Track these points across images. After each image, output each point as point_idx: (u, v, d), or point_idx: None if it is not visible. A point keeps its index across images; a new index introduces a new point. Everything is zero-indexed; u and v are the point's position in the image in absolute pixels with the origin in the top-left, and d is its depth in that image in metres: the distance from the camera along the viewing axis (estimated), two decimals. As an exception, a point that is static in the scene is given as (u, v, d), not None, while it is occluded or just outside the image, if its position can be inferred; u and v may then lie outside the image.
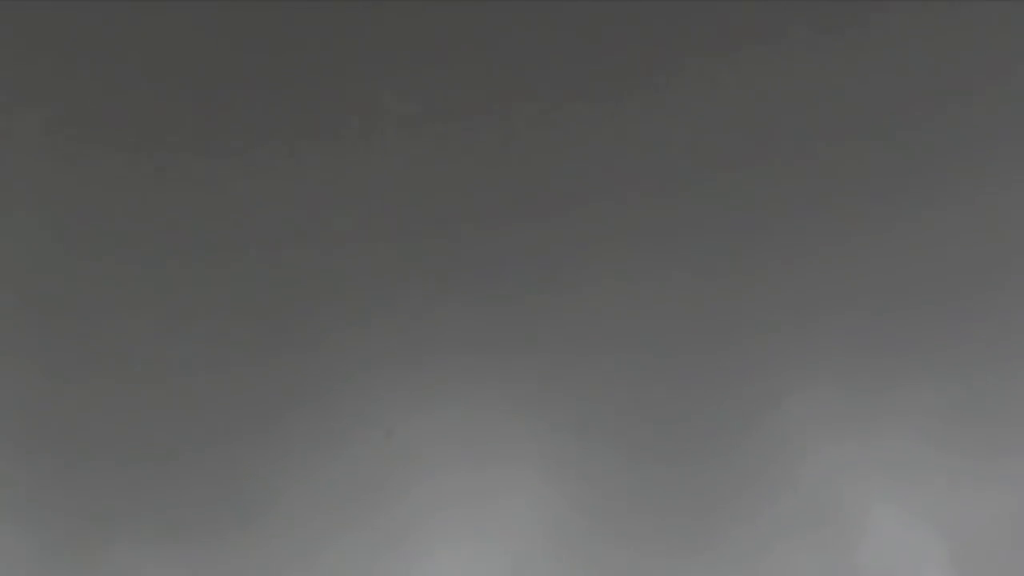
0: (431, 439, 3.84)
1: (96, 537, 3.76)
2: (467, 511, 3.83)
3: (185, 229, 3.75)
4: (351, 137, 3.83)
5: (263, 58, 3.78)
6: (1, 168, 3.72)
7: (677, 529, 3.87)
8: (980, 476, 3.88)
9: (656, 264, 3.95)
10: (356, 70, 3.81)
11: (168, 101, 3.76)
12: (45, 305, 3.74)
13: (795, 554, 3.82)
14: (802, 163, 3.98)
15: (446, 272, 3.86)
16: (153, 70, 3.76)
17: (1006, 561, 3.82)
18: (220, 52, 3.77)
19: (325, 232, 3.83)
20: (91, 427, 3.77)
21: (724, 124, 3.95)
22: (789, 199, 3.98)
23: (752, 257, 3.95)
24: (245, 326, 3.80)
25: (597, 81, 3.91)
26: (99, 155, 3.77)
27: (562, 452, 3.86)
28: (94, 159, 3.76)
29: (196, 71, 3.78)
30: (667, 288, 3.93)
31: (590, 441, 3.87)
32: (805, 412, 3.91)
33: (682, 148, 3.94)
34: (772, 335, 3.94)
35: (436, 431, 3.84)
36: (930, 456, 3.90)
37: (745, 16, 3.96)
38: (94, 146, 3.74)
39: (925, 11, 4.03)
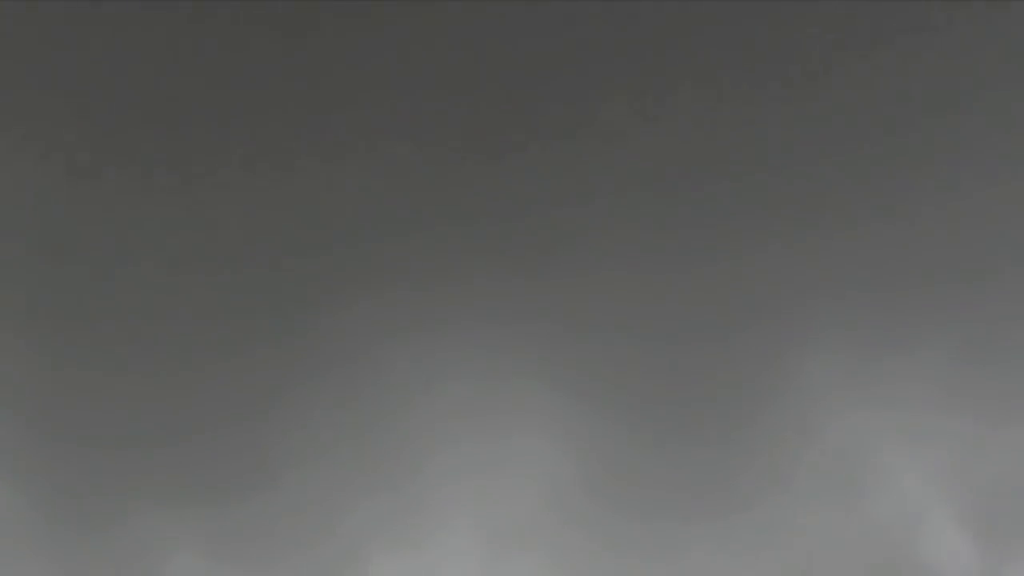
0: (443, 409, 3.86)
1: (107, 503, 3.81)
2: (476, 479, 3.86)
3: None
4: (364, 110, 3.86)
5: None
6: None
7: (685, 495, 3.87)
8: (988, 439, 3.85)
9: (668, 238, 3.94)
10: None
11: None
12: (49, 254, 3.80)
13: (807, 497, 3.82)
14: (808, 136, 3.97)
15: (461, 244, 3.89)
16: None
17: (1013, 522, 3.79)
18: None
19: (341, 202, 3.86)
20: (97, 394, 3.83)
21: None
22: (795, 170, 3.96)
23: (763, 227, 3.93)
24: (260, 293, 3.84)
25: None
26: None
27: (572, 422, 3.86)
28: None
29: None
30: (680, 259, 3.92)
31: (601, 411, 3.87)
32: (817, 377, 3.89)
33: (682, 137, 3.95)
34: (783, 302, 3.91)
35: (448, 401, 3.87)
36: (940, 419, 3.86)
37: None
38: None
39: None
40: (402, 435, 3.84)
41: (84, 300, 3.84)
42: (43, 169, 3.82)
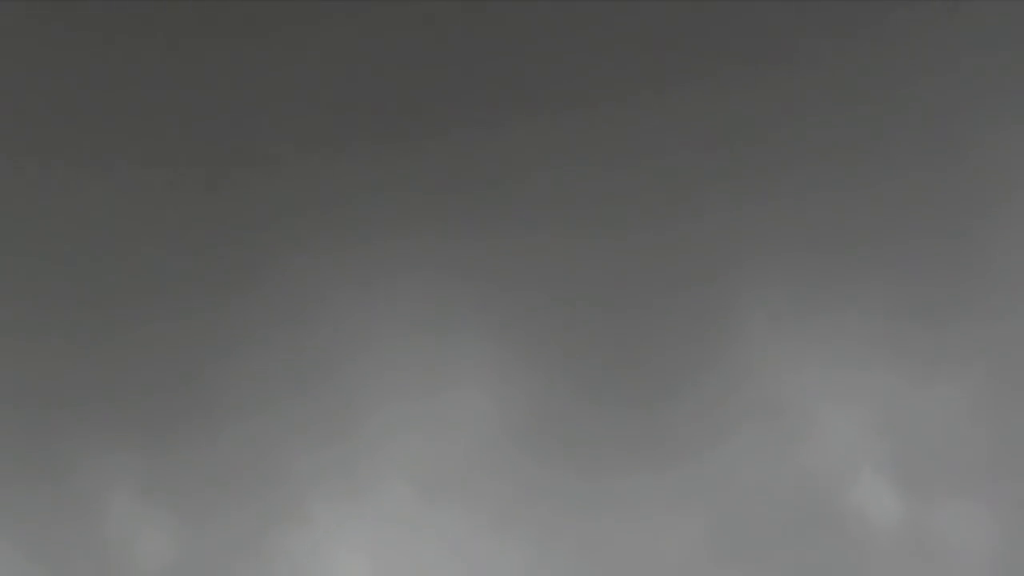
0: (384, 362, 3.90)
1: (48, 450, 3.77)
2: (415, 431, 3.89)
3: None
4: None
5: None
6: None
7: (622, 450, 3.94)
8: (916, 394, 3.99)
9: (609, 200, 4.03)
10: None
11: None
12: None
13: (741, 451, 3.92)
14: (747, 102, 4.11)
15: (405, 200, 3.94)
16: None
17: (945, 462, 3.94)
18: None
19: (286, 156, 3.90)
20: (36, 340, 3.79)
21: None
22: (734, 134, 4.09)
23: (703, 190, 4.04)
24: (203, 244, 3.85)
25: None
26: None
27: (512, 377, 3.92)
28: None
29: None
30: (621, 219, 4.01)
31: (540, 367, 3.94)
32: (754, 334, 4.00)
33: (626, 103, 4.07)
34: (722, 261, 4.01)
35: (389, 354, 3.90)
36: (871, 375, 3.99)
37: None
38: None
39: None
40: (343, 387, 3.86)
41: (21, 253, 3.81)
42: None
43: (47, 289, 3.80)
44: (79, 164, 3.83)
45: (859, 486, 3.91)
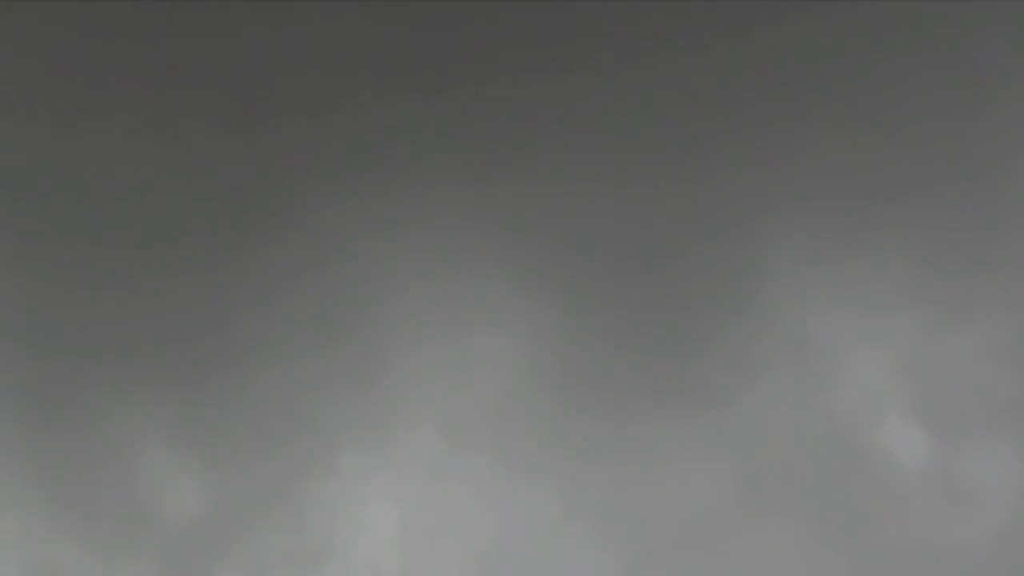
0: (411, 307, 3.92)
1: (77, 401, 3.80)
2: (442, 377, 3.91)
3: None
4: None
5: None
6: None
7: (650, 395, 3.95)
8: (942, 337, 3.99)
9: (639, 148, 4.03)
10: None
11: None
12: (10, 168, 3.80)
13: (769, 396, 3.92)
14: (773, 52, 4.11)
15: (433, 147, 3.95)
16: None
17: (971, 404, 3.94)
18: None
19: (312, 107, 3.92)
20: (66, 289, 3.82)
21: None
22: (762, 83, 4.09)
23: (731, 138, 4.04)
24: (230, 194, 3.87)
25: None
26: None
27: (540, 322, 3.93)
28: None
29: None
30: (650, 167, 4.02)
31: (568, 313, 3.94)
32: (783, 278, 4.00)
33: (651, 55, 4.07)
34: (751, 208, 4.01)
35: (416, 299, 3.92)
36: (898, 318, 4.00)
37: None
38: None
39: None
40: (370, 334, 3.87)
41: (51, 201, 3.83)
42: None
43: (77, 238, 3.83)
44: (108, 111, 3.85)
45: (886, 428, 3.91)
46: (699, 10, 4.09)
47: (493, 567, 3.81)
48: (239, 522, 3.77)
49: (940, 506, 3.85)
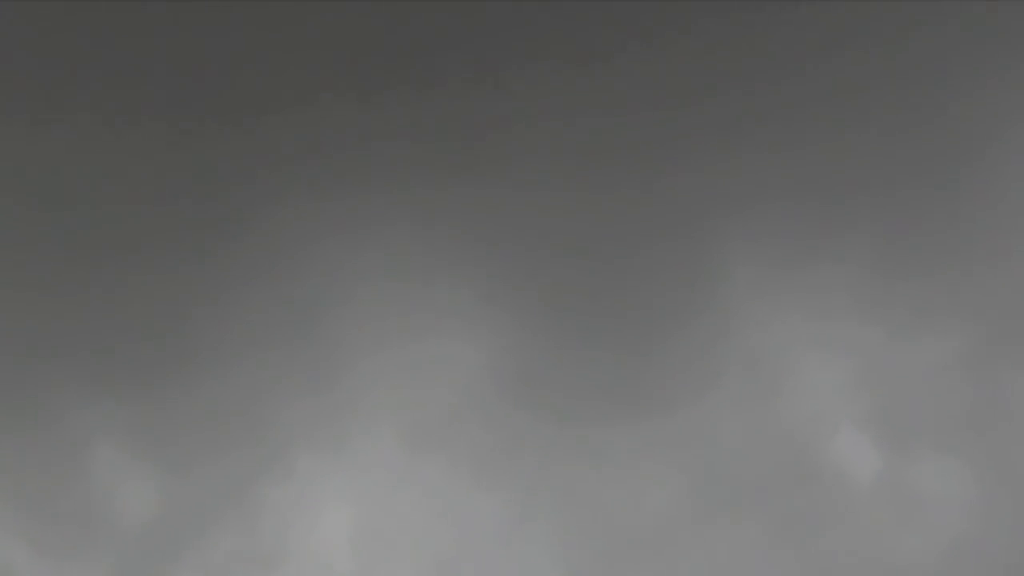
0: (369, 311, 3.90)
1: (29, 398, 3.76)
2: (399, 382, 3.90)
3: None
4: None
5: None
6: None
7: (605, 400, 3.96)
8: (896, 348, 4.01)
9: (593, 152, 4.02)
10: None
11: None
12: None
13: (724, 403, 3.94)
14: (728, 55, 4.10)
15: (391, 149, 3.92)
16: None
17: (925, 416, 3.97)
18: None
19: (273, 106, 3.87)
20: (16, 286, 3.77)
21: None
22: (715, 87, 4.08)
23: (686, 143, 4.03)
24: (188, 190, 3.82)
25: None
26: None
27: (496, 326, 3.92)
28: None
29: None
30: (605, 171, 4.00)
31: (524, 317, 3.94)
32: (737, 285, 4.01)
33: (608, 59, 4.06)
34: (705, 213, 4.01)
35: (374, 303, 3.90)
36: (852, 328, 4.00)
37: None
38: None
39: None
40: (328, 337, 3.86)
41: (2, 203, 3.77)
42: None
43: (30, 239, 3.78)
44: (64, 111, 3.79)
45: (840, 440, 3.94)
46: (661, 14, 4.07)
47: (448, 571, 3.83)
48: (193, 524, 3.76)
49: (891, 518, 3.90)
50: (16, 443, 3.72)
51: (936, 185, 4.08)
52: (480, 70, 3.97)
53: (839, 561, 3.87)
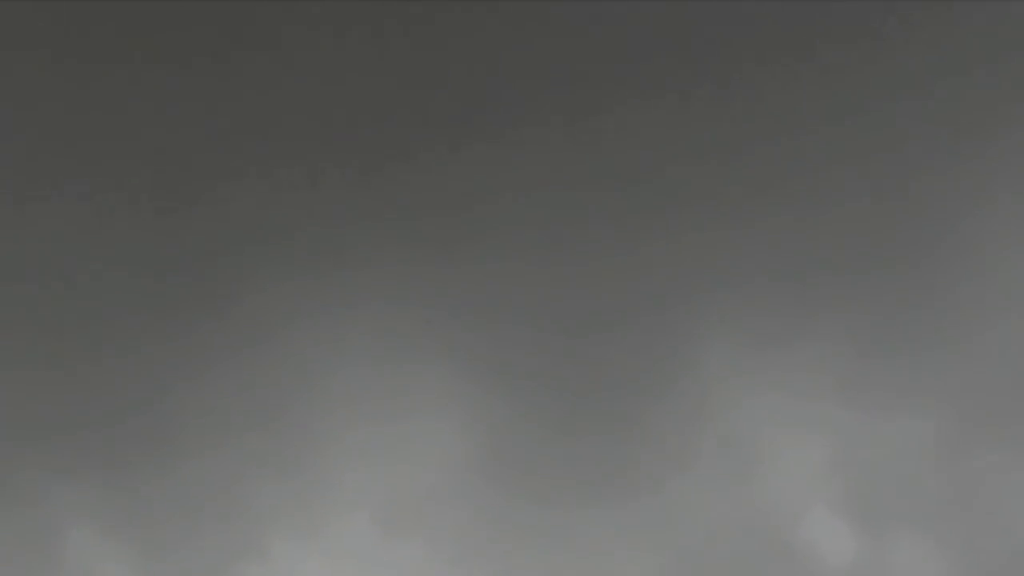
0: (344, 392, 3.88)
1: (2, 457, 3.75)
2: (376, 463, 3.89)
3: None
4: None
5: None
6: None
7: (581, 481, 3.95)
8: (872, 429, 4.01)
9: (569, 228, 4.02)
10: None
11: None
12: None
13: (698, 484, 3.95)
14: (703, 132, 4.10)
15: (366, 228, 3.91)
16: None
17: (899, 499, 3.98)
18: None
19: (246, 187, 3.85)
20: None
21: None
22: (691, 165, 4.09)
23: (661, 219, 4.04)
24: (163, 276, 3.81)
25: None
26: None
27: (471, 405, 3.91)
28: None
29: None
30: (581, 248, 4.00)
31: (501, 396, 3.92)
32: (713, 365, 4.00)
33: (585, 137, 4.05)
34: (681, 291, 4.01)
35: (349, 383, 3.89)
36: (827, 408, 3.99)
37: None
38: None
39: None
40: (304, 419, 3.85)
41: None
42: None
43: (4, 316, 3.76)
44: (39, 187, 3.77)
45: (813, 522, 3.95)
46: (635, 86, 4.07)
47: (423, 654, 3.83)
48: (168, 607, 3.76)
49: (865, 602, 3.92)
50: (-10, 528, 3.71)
51: (913, 265, 4.09)
52: (454, 144, 3.97)
53: (814, 644, 3.88)
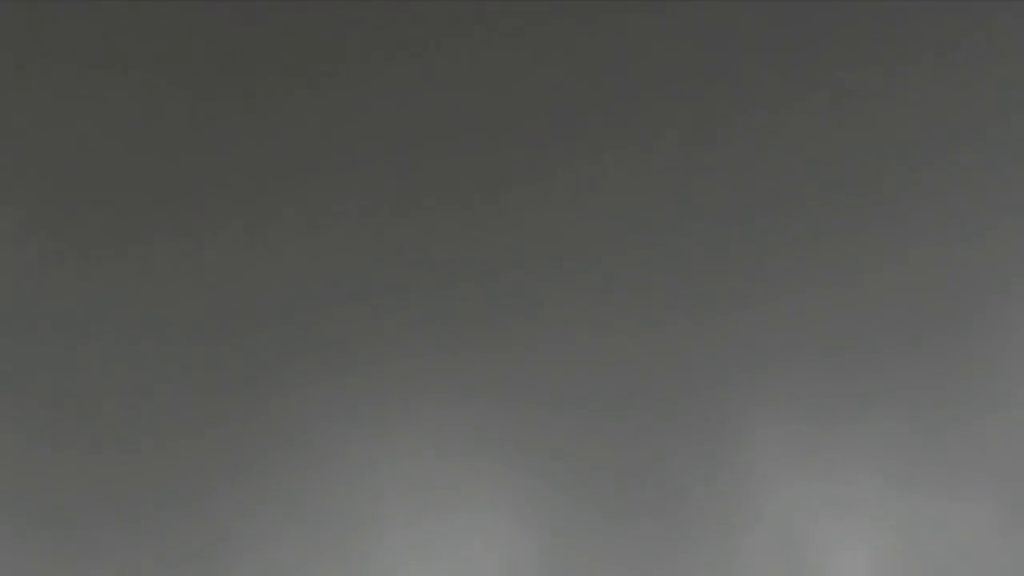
0: (398, 487, 3.84)
1: (52, 547, 3.70)
2: (431, 557, 3.84)
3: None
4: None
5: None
6: None
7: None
8: (931, 513, 4.00)
9: (621, 315, 4.00)
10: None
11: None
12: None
13: (742, 571, 3.92)
14: (756, 205, 4.09)
15: (415, 321, 3.88)
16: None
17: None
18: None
19: (294, 280, 3.83)
20: (38, 470, 3.70)
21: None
22: (744, 239, 4.07)
23: (714, 296, 4.03)
24: (213, 373, 3.76)
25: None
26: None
27: (529, 499, 3.89)
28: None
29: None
30: (631, 330, 3.99)
31: (556, 488, 3.91)
32: (766, 452, 3.99)
33: (632, 209, 4.04)
34: (734, 379, 4.01)
35: (403, 479, 3.84)
36: (881, 491, 4.00)
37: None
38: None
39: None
40: (358, 514, 3.80)
41: (25, 378, 3.70)
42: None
43: (49, 423, 3.70)
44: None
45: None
46: (688, 155, 4.05)
47: None
48: None
49: None
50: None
51: (962, 339, 4.07)
52: (481, 241, 3.94)
53: None
